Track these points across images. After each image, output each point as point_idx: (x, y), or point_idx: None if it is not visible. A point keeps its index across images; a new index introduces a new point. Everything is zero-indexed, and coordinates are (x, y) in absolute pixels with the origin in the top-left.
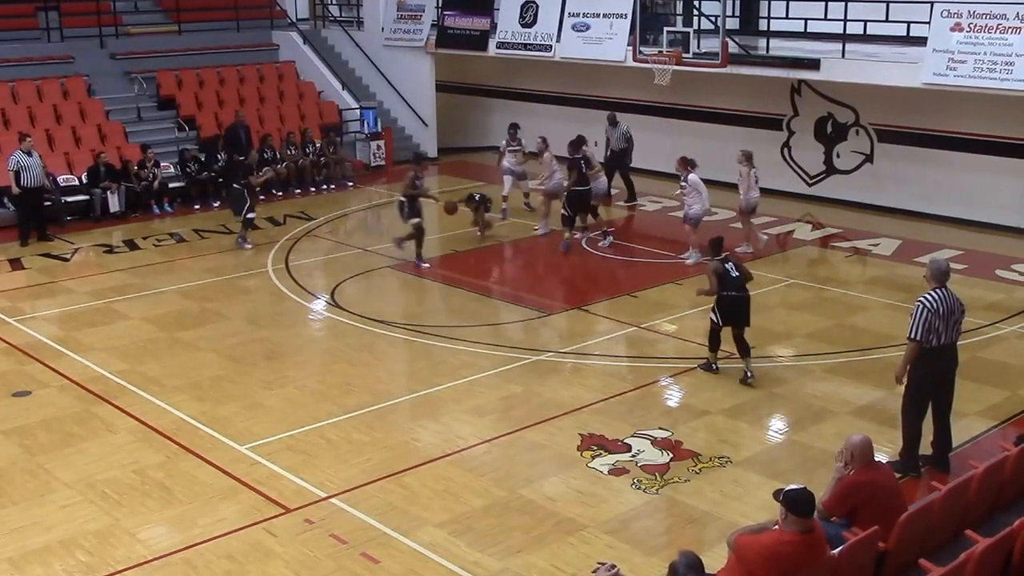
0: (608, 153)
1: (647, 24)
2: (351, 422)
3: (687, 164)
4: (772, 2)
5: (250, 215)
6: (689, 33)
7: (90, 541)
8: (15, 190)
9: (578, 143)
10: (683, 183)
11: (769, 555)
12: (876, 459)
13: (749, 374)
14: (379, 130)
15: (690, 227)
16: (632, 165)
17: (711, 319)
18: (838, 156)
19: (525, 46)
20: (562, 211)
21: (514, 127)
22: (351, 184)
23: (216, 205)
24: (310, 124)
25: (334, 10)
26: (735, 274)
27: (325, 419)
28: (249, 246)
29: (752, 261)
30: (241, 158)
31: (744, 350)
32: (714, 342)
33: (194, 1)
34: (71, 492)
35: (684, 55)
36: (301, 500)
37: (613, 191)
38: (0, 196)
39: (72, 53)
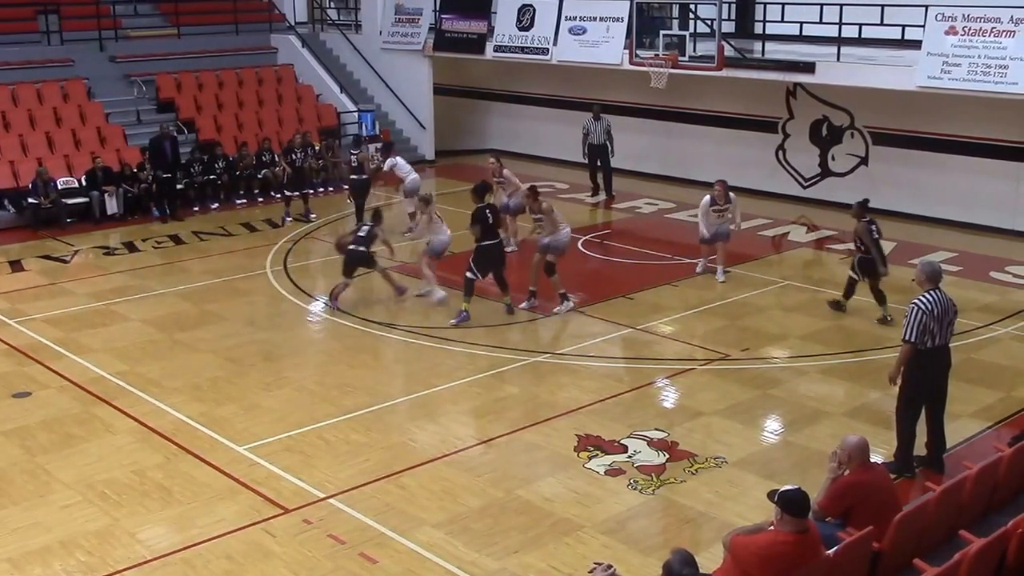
0: (586, 148)
1: (643, 27)
2: (349, 423)
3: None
4: (767, 6)
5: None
6: (685, 36)
7: (90, 541)
8: None
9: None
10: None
11: (764, 555)
12: (871, 460)
13: (889, 317)
14: (377, 133)
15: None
16: (618, 167)
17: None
18: (833, 159)
19: (522, 49)
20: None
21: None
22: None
23: (215, 207)
24: (308, 127)
25: (332, 14)
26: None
27: (323, 420)
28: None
29: (749, 262)
30: (166, 175)
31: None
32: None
33: (193, 4)
34: (71, 492)
35: (680, 58)
36: (299, 500)
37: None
38: (0, 198)
39: (72, 56)
